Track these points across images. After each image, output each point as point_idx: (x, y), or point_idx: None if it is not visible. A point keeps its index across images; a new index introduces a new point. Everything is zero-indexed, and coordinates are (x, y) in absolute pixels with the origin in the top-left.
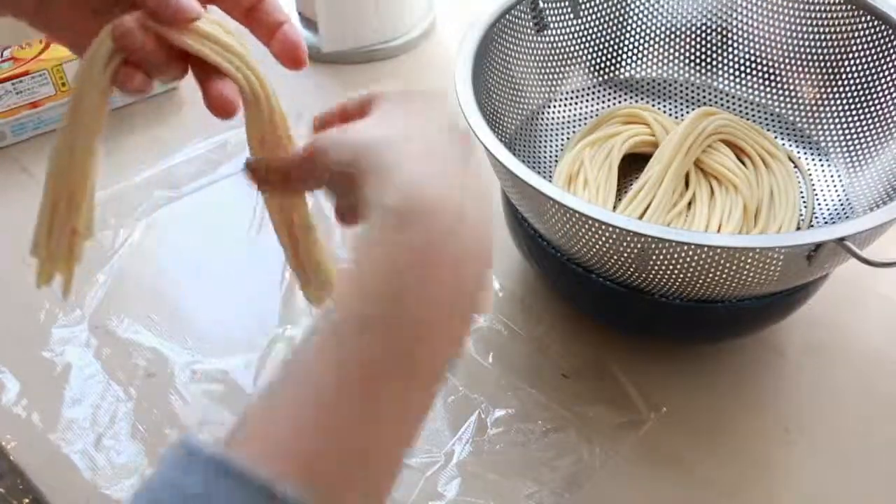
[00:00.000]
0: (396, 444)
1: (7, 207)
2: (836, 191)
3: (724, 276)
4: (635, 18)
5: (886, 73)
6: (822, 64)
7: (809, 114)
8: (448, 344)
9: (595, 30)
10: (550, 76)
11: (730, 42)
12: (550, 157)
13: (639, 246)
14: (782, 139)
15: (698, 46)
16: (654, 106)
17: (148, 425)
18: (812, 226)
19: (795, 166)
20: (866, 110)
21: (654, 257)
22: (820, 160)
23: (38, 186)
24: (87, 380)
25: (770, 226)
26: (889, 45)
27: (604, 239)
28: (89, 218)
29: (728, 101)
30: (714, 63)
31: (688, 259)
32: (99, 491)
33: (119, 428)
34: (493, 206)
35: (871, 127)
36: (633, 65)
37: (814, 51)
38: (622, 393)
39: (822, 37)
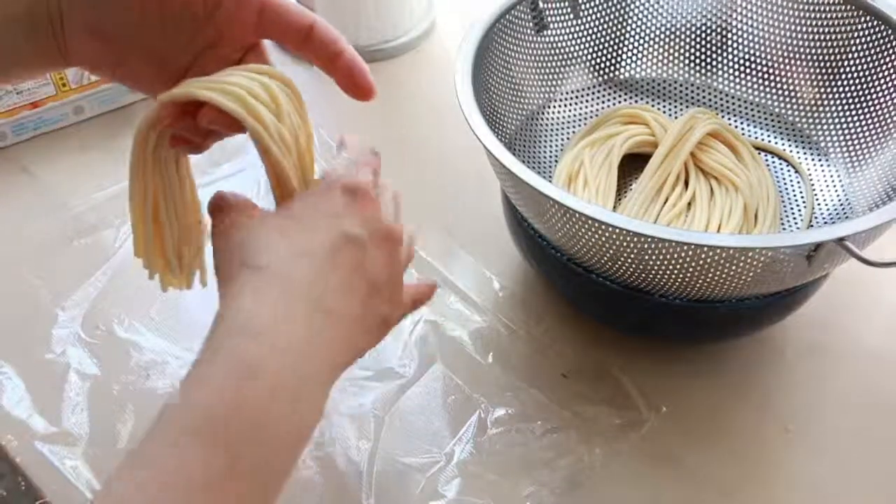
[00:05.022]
0: None
1: (7, 207)
2: (836, 191)
3: (723, 276)
4: (635, 18)
5: (886, 72)
6: (822, 64)
7: (809, 114)
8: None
9: (595, 30)
10: (550, 76)
11: (729, 42)
12: (550, 157)
13: (638, 246)
14: (782, 139)
15: (698, 46)
16: (653, 106)
17: (148, 425)
18: (812, 226)
19: (796, 168)
20: (866, 110)
21: (653, 257)
22: (819, 160)
23: (38, 186)
24: (88, 380)
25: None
26: (888, 45)
27: (604, 239)
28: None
29: (728, 102)
30: (714, 63)
31: (687, 259)
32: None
33: (119, 428)
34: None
35: (871, 127)
36: (633, 65)
37: (813, 51)
38: (622, 393)
39: (822, 37)
